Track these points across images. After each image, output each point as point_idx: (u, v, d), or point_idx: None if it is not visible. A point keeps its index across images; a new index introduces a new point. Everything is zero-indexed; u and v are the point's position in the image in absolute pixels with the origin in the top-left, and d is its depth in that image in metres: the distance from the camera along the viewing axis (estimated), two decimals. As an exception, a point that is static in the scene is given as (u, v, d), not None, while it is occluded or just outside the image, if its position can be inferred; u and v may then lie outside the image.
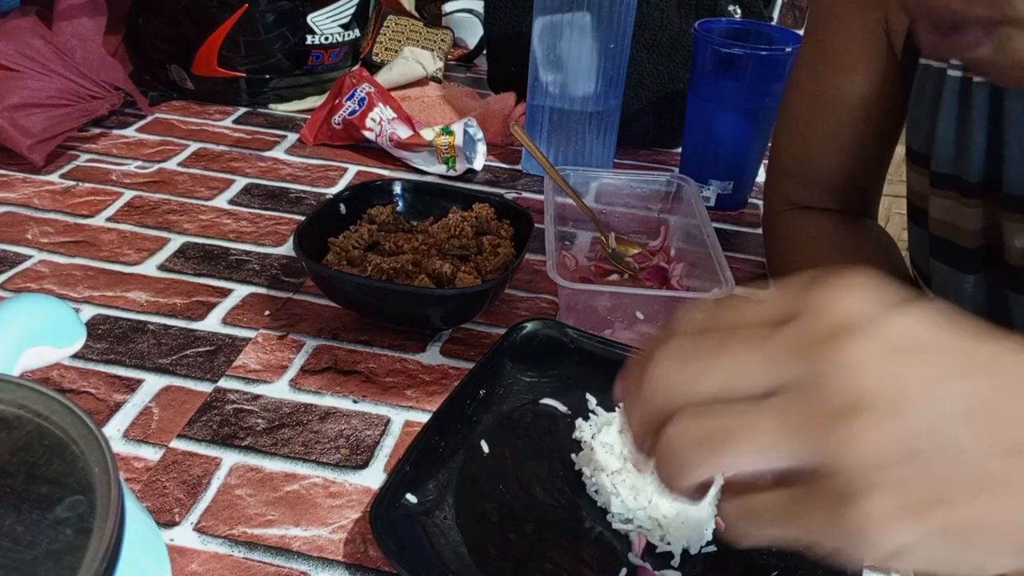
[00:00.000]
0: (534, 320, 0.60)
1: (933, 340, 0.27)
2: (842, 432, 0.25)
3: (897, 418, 0.25)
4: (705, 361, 0.28)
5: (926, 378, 0.26)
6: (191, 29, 0.99)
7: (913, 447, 0.25)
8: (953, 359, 0.26)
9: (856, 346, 0.26)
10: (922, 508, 0.25)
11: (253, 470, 0.51)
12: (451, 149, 0.88)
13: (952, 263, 0.55)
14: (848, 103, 0.66)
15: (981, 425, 0.26)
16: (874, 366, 0.26)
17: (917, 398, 0.25)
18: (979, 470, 0.25)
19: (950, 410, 0.26)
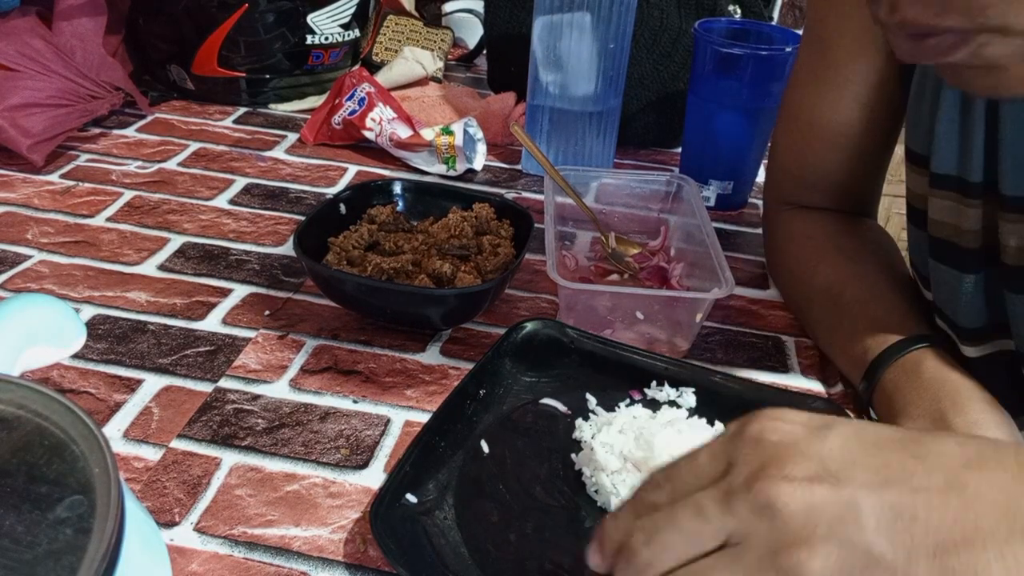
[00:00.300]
0: (534, 320, 0.60)
1: (844, 461, 0.30)
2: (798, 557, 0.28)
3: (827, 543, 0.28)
4: (669, 529, 0.31)
5: (845, 501, 0.29)
6: (191, 29, 0.99)
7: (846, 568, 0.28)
8: (864, 475, 0.29)
9: (781, 488, 0.29)
10: None
11: (253, 470, 0.51)
12: (451, 149, 0.88)
13: (951, 264, 0.55)
14: (847, 105, 0.66)
15: (900, 535, 0.28)
16: (800, 503, 0.29)
17: (840, 522, 0.28)
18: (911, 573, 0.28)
19: (871, 527, 0.28)
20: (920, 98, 0.56)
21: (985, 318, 0.55)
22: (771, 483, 0.29)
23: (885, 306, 0.60)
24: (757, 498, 0.29)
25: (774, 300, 0.73)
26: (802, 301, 0.68)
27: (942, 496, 0.29)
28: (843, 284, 0.63)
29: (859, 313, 0.61)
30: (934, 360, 0.54)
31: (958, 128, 0.53)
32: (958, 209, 0.54)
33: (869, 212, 0.73)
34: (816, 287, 0.66)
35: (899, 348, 0.56)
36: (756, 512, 0.29)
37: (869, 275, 0.63)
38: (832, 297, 0.64)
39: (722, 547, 0.30)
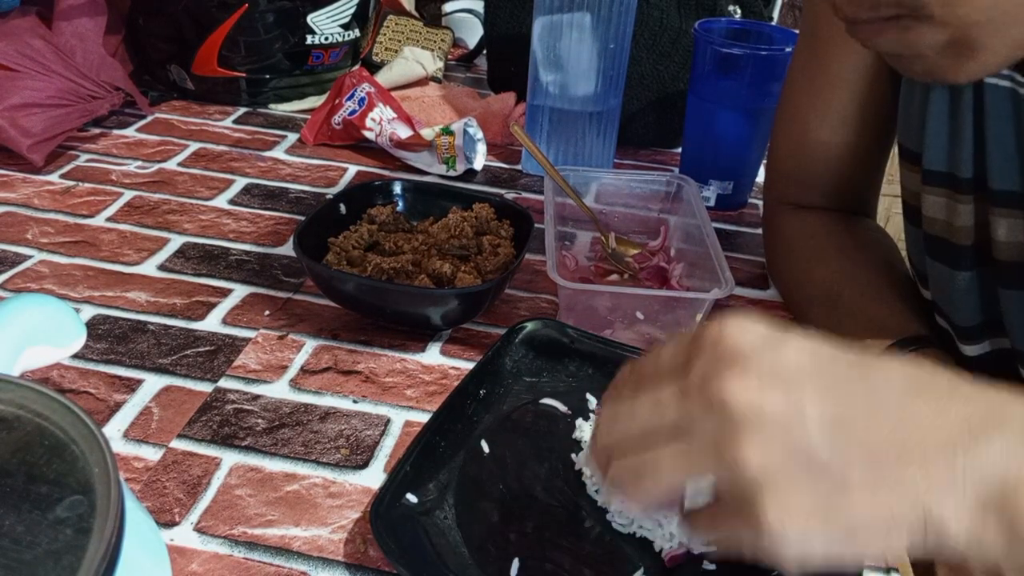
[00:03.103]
0: (534, 320, 0.60)
1: (796, 371, 0.32)
2: (739, 449, 0.31)
3: (779, 433, 0.31)
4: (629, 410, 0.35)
5: (791, 405, 0.31)
6: (191, 29, 0.99)
7: (786, 465, 0.31)
8: (813, 386, 0.32)
9: (732, 386, 0.32)
10: (808, 518, 0.31)
11: (253, 470, 0.51)
12: (451, 149, 0.88)
13: (945, 261, 0.56)
14: (842, 101, 0.66)
15: (840, 440, 0.31)
16: (748, 402, 0.31)
17: (784, 423, 0.31)
18: (843, 481, 0.31)
19: (813, 432, 0.31)
20: (910, 95, 0.57)
21: (981, 316, 0.55)
22: (724, 382, 0.32)
23: (885, 306, 0.60)
24: (710, 395, 0.32)
25: (774, 300, 0.73)
26: (802, 301, 0.68)
27: (880, 413, 0.32)
28: (843, 284, 0.63)
29: (859, 313, 0.61)
30: (934, 360, 0.54)
31: (947, 124, 0.53)
32: (950, 205, 0.54)
33: (868, 211, 0.73)
34: (816, 287, 0.66)
35: (899, 348, 0.56)
36: (707, 408, 0.32)
37: (869, 275, 0.63)
38: (832, 297, 0.64)
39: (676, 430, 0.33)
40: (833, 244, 0.67)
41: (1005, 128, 0.50)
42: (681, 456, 0.32)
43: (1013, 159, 0.50)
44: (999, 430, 0.31)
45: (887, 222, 2.07)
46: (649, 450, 0.33)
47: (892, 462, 0.31)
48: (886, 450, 0.31)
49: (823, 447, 0.31)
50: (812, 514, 0.31)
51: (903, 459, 0.31)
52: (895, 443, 0.31)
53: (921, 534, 0.31)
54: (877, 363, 0.34)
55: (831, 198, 0.71)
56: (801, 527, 0.31)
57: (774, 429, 0.31)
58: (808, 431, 0.31)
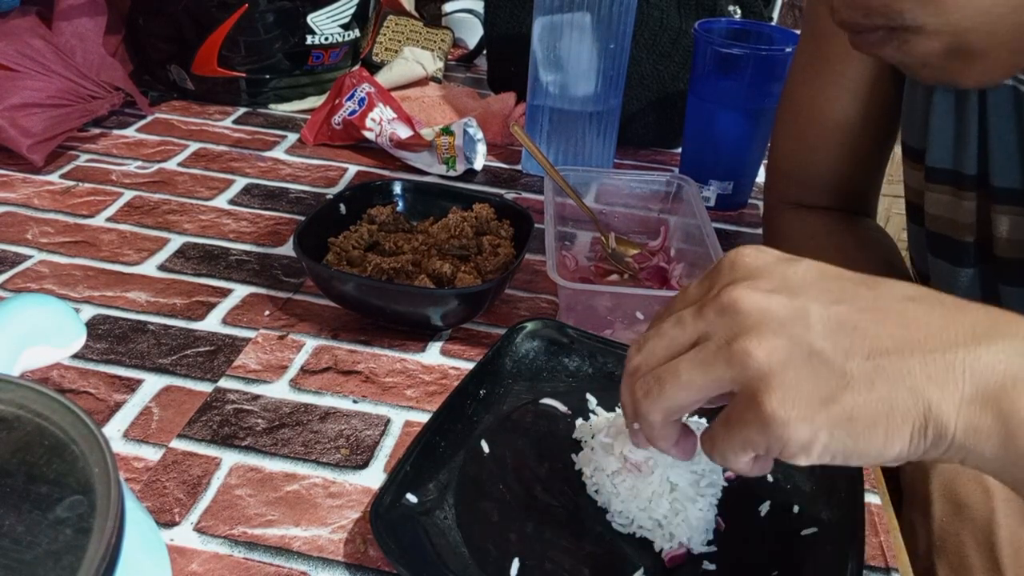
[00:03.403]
0: (534, 320, 0.60)
1: (804, 282, 0.34)
2: (747, 344, 0.32)
3: (785, 329, 0.32)
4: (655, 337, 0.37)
5: (797, 307, 0.33)
6: (191, 29, 0.99)
7: (791, 359, 0.32)
8: (818, 293, 0.34)
9: (742, 292, 0.34)
10: (810, 406, 0.32)
11: (253, 470, 0.51)
12: (451, 149, 0.88)
13: (948, 258, 0.56)
14: (843, 101, 0.66)
15: (841, 338, 0.32)
16: (756, 304, 0.33)
17: (790, 322, 0.33)
18: (844, 372, 0.32)
19: (817, 330, 0.32)
20: (914, 93, 0.57)
21: None
22: (735, 289, 0.34)
23: None
24: (722, 302, 0.34)
25: (774, 300, 0.73)
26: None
27: (882, 314, 0.33)
28: None
29: None
30: None
31: (952, 121, 0.53)
32: (953, 203, 0.54)
33: (868, 211, 0.73)
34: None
35: None
36: (719, 312, 0.34)
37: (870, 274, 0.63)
38: None
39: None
40: (834, 244, 0.67)
41: (1007, 126, 0.50)
42: (697, 359, 0.34)
43: (1014, 156, 0.50)
44: (1003, 337, 0.32)
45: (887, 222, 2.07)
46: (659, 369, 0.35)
47: (892, 355, 0.32)
48: (887, 345, 0.32)
49: (825, 341, 0.32)
50: (814, 403, 0.32)
51: (904, 353, 0.32)
52: (896, 339, 0.32)
53: (920, 428, 0.32)
54: (883, 280, 0.35)
55: (832, 197, 0.71)
56: (803, 415, 0.32)
57: (779, 326, 0.32)
58: (811, 327, 0.32)
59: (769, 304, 0.33)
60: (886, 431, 0.32)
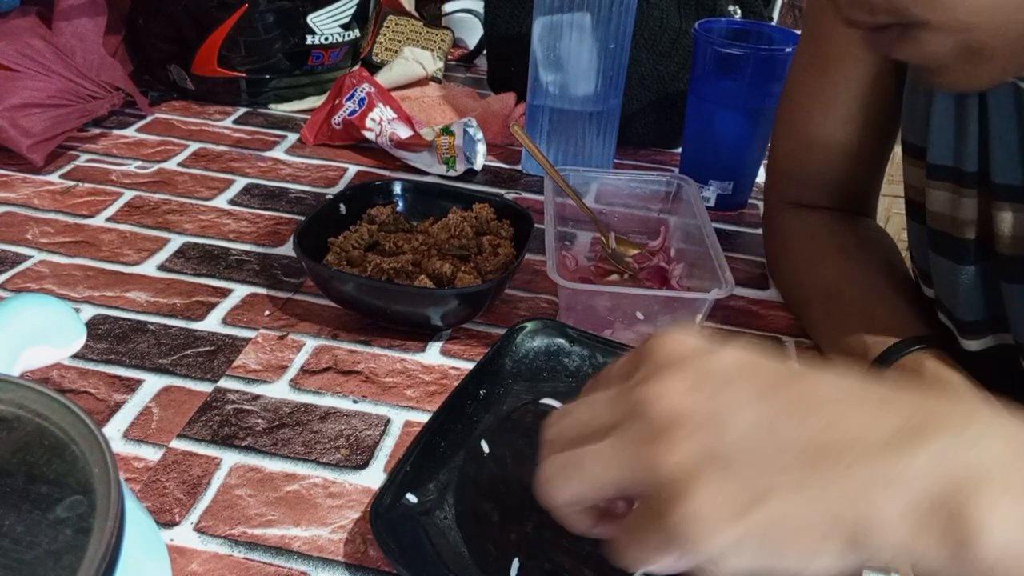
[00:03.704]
0: (534, 320, 0.60)
1: (723, 377, 0.32)
2: (657, 449, 0.30)
3: (700, 435, 0.30)
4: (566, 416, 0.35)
5: (712, 408, 0.31)
6: (191, 29, 0.99)
7: (714, 459, 0.30)
8: (738, 391, 0.31)
9: (656, 389, 0.32)
10: (730, 510, 0.29)
11: (253, 470, 0.51)
12: (451, 149, 0.88)
13: (949, 256, 0.56)
14: (844, 99, 0.66)
15: (757, 448, 0.30)
16: (681, 397, 0.31)
17: (704, 425, 0.30)
18: (761, 481, 0.29)
19: (733, 434, 0.30)
20: (915, 89, 0.57)
21: (984, 311, 0.55)
22: (651, 386, 0.32)
23: (886, 306, 0.60)
24: (637, 397, 0.32)
25: (774, 300, 0.73)
26: (802, 301, 0.68)
27: (806, 415, 0.30)
28: (843, 284, 0.63)
29: (859, 313, 0.61)
30: (935, 361, 0.54)
31: (953, 117, 0.53)
32: (954, 200, 0.54)
33: (868, 211, 0.73)
34: (816, 287, 0.66)
35: (899, 349, 0.56)
36: (633, 409, 0.32)
37: (869, 275, 0.63)
38: (832, 297, 0.64)
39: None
40: (834, 244, 0.67)
41: (1007, 123, 0.50)
42: (606, 453, 0.32)
43: (1015, 154, 0.50)
44: (937, 434, 0.29)
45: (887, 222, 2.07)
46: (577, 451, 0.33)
47: (820, 462, 0.30)
48: (814, 450, 0.30)
49: (745, 447, 0.30)
50: (725, 515, 0.29)
51: (832, 459, 0.30)
52: (824, 443, 0.30)
53: (850, 539, 0.29)
54: (811, 372, 0.33)
55: (832, 197, 0.71)
56: (713, 528, 0.29)
57: (694, 430, 0.30)
58: (727, 431, 0.30)
59: (684, 405, 0.31)
60: (809, 544, 0.29)
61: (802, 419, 0.30)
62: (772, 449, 0.30)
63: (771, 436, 0.30)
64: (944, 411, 0.30)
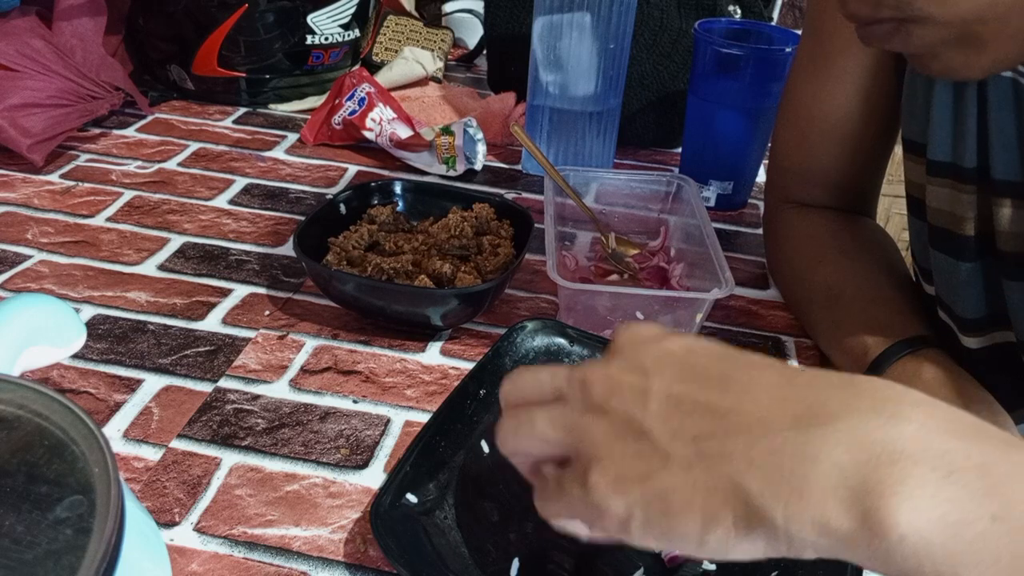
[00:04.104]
0: (534, 320, 0.60)
1: (662, 361, 0.34)
2: (589, 418, 0.33)
3: (612, 415, 0.33)
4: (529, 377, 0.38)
5: (640, 386, 0.33)
6: (191, 29, 0.99)
7: (620, 436, 0.32)
8: (670, 373, 0.33)
9: (599, 370, 0.34)
10: (626, 482, 0.31)
11: (253, 470, 0.51)
12: (451, 149, 0.88)
13: (949, 252, 0.56)
14: (846, 96, 0.66)
15: (674, 419, 0.32)
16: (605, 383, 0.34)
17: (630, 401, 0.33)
18: (666, 453, 0.31)
19: (651, 409, 0.32)
20: (914, 86, 0.57)
21: (985, 308, 0.55)
22: (597, 366, 0.35)
23: (886, 306, 0.60)
24: (586, 375, 0.35)
25: (774, 300, 0.73)
26: (802, 300, 0.68)
27: (721, 396, 0.32)
28: (843, 284, 0.63)
29: (859, 313, 0.61)
30: (935, 361, 0.54)
31: (951, 114, 0.53)
32: (953, 196, 0.54)
33: (868, 211, 0.73)
34: (816, 286, 0.66)
35: (899, 349, 0.56)
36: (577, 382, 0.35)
37: (870, 275, 0.63)
38: (832, 296, 0.64)
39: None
40: (834, 244, 0.67)
41: (1007, 118, 0.50)
42: (550, 417, 0.35)
43: (1014, 149, 0.50)
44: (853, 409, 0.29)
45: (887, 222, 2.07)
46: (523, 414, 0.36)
47: (717, 438, 0.30)
48: (713, 427, 0.31)
49: (655, 421, 0.32)
50: (631, 480, 0.31)
51: (728, 435, 0.30)
52: (726, 422, 0.31)
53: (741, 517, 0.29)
54: (745, 355, 0.33)
55: (833, 195, 0.71)
56: (619, 490, 0.31)
57: (618, 403, 0.33)
58: (647, 406, 0.32)
59: (616, 382, 0.34)
60: (702, 516, 0.29)
61: (714, 400, 0.32)
62: (679, 425, 0.31)
63: (681, 408, 0.32)
64: (865, 389, 0.30)
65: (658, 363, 0.34)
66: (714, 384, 0.32)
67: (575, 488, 0.33)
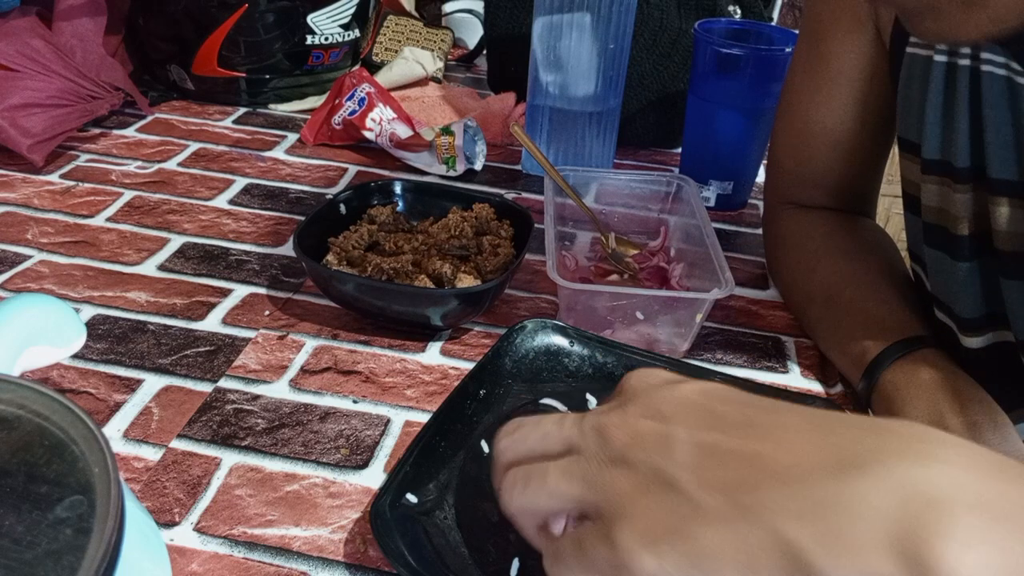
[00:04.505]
0: (534, 320, 0.60)
1: (681, 406, 0.33)
2: (612, 471, 0.32)
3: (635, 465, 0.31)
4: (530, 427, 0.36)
5: (662, 434, 0.32)
6: (191, 29, 0.99)
7: (647, 488, 0.31)
8: (692, 419, 0.32)
9: (614, 417, 0.33)
10: (657, 538, 0.30)
11: (253, 470, 0.51)
12: (451, 149, 0.88)
13: (945, 250, 0.56)
14: (842, 97, 0.66)
15: (702, 470, 0.30)
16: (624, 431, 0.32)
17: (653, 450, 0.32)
18: (699, 505, 0.30)
19: (678, 459, 0.31)
20: (909, 87, 0.57)
21: (983, 307, 0.55)
22: (613, 413, 0.34)
23: (885, 306, 0.60)
24: (597, 422, 0.34)
25: (774, 300, 0.73)
26: (802, 301, 0.68)
27: (751, 442, 0.30)
28: (842, 284, 0.63)
29: (858, 313, 0.61)
30: (933, 361, 0.54)
31: (941, 113, 0.53)
32: (949, 195, 0.54)
33: (868, 211, 0.73)
34: (815, 287, 0.66)
35: (898, 349, 0.56)
36: (591, 432, 0.34)
37: (869, 275, 0.63)
38: (831, 297, 0.64)
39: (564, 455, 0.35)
40: (833, 244, 0.67)
41: (1002, 117, 0.50)
42: (565, 470, 0.33)
43: (1010, 148, 0.50)
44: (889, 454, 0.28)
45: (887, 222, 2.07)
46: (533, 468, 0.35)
47: (752, 488, 0.29)
48: (747, 476, 0.29)
49: (684, 471, 0.30)
50: (662, 535, 0.29)
51: (764, 485, 0.29)
52: (760, 469, 0.29)
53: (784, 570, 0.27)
54: (767, 400, 0.32)
55: (832, 196, 0.71)
56: (649, 547, 0.29)
57: (641, 454, 0.31)
58: (673, 455, 0.31)
59: (637, 430, 0.32)
60: (743, 569, 0.28)
61: (745, 447, 0.30)
62: (710, 474, 0.30)
63: (712, 458, 0.30)
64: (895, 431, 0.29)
65: (677, 409, 0.32)
66: (740, 430, 0.31)
67: (599, 547, 0.31)
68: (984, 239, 0.53)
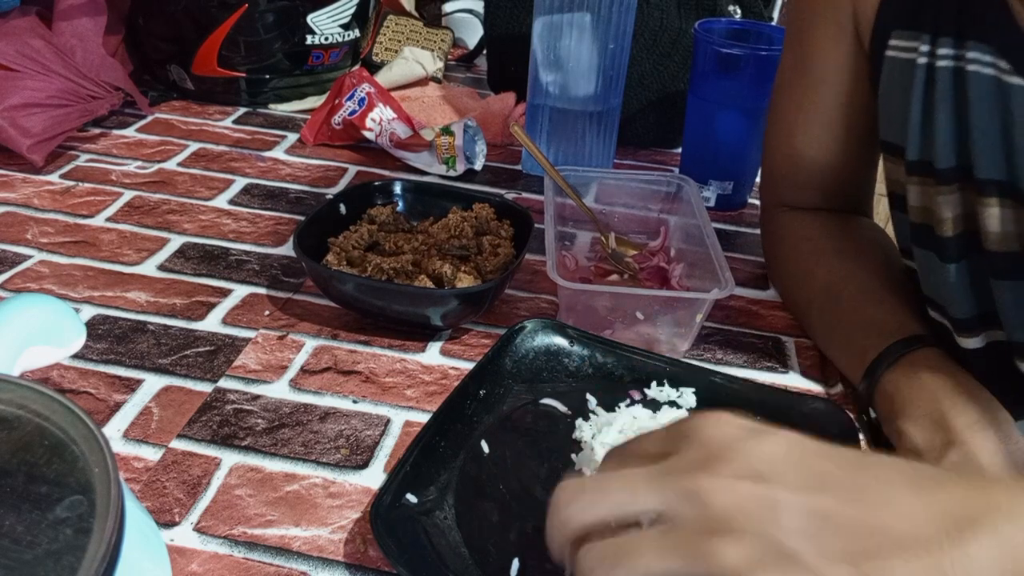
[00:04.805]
0: (534, 320, 0.60)
1: (773, 463, 0.31)
2: (716, 543, 0.29)
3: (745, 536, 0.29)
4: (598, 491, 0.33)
5: (766, 499, 0.30)
6: (191, 29, 0.99)
7: (762, 562, 0.29)
8: (792, 478, 0.31)
9: (709, 482, 0.31)
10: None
11: (253, 470, 0.51)
12: (451, 149, 0.88)
13: (932, 249, 0.56)
14: (826, 102, 0.66)
15: (819, 539, 0.29)
16: (725, 497, 0.30)
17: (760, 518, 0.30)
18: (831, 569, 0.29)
19: (790, 527, 0.30)
20: (890, 89, 0.57)
21: (975, 307, 0.55)
22: (701, 474, 0.31)
23: (884, 306, 0.60)
24: (686, 485, 0.31)
25: (774, 300, 0.73)
26: (801, 302, 0.68)
27: (862, 505, 0.30)
28: (842, 284, 0.63)
29: (858, 313, 0.61)
30: (934, 360, 0.54)
31: (921, 115, 0.53)
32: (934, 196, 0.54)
33: (864, 210, 0.73)
34: (815, 288, 0.66)
35: (899, 348, 0.56)
36: (683, 498, 0.31)
37: (868, 274, 0.63)
38: (831, 297, 0.64)
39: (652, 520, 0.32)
40: (831, 245, 0.67)
41: (989, 117, 0.50)
42: (663, 546, 0.31)
43: (998, 148, 0.50)
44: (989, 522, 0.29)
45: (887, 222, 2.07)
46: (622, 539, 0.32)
47: (873, 558, 0.29)
48: (867, 545, 0.29)
49: (799, 541, 0.30)
50: None
51: (885, 554, 0.29)
52: (878, 538, 0.29)
53: None
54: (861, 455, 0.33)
55: (826, 198, 0.71)
56: None
57: (752, 522, 0.30)
58: (783, 524, 0.30)
59: (737, 495, 0.30)
60: None
61: (856, 511, 0.30)
62: (828, 544, 0.29)
63: (827, 526, 0.30)
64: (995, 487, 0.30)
65: (774, 467, 0.31)
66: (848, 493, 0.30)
67: None
68: (972, 240, 0.53)
